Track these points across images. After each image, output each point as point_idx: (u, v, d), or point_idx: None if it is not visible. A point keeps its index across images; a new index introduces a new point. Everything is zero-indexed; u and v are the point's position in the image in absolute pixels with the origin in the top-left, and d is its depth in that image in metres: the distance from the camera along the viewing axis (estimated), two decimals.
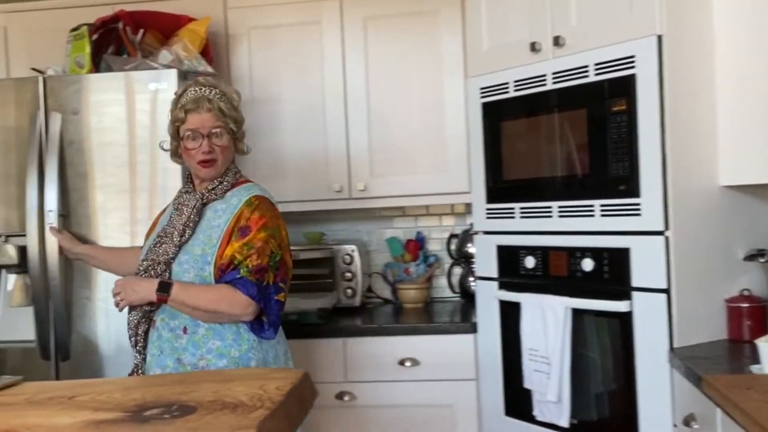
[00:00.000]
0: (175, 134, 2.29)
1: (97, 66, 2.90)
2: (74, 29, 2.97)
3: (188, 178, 2.35)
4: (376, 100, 3.16)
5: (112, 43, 2.99)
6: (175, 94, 2.32)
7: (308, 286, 3.26)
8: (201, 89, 2.25)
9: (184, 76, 2.79)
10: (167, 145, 2.35)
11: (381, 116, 3.17)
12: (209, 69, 2.99)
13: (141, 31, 3.01)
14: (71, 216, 2.75)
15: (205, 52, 3.07)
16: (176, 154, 2.33)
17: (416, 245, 3.42)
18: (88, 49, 2.90)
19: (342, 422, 2.88)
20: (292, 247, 3.23)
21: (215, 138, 2.24)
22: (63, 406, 1.66)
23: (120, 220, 2.73)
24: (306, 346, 2.91)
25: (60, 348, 2.74)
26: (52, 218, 2.70)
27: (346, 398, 2.89)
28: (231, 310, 2.14)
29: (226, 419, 1.51)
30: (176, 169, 2.70)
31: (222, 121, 2.25)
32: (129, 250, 2.57)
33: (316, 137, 3.19)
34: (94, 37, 2.93)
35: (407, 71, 3.16)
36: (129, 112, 2.74)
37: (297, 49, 3.21)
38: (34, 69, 2.98)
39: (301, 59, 3.21)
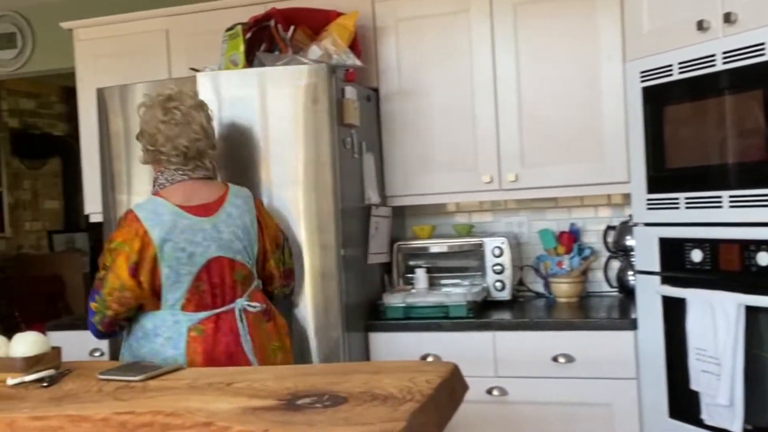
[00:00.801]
0: None
1: (250, 63, 2.98)
2: (229, 29, 3.06)
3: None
4: (527, 88, 3.07)
5: (265, 41, 3.05)
6: (149, 99, 2.45)
7: (458, 278, 3.22)
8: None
9: (333, 70, 2.81)
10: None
11: (532, 104, 3.07)
12: (357, 63, 3.00)
13: (292, 27, 3.06)
14: None
15: (354, 46, 3.08)
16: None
17: (570, 237, 3.30)
18: (242, 48, 2.98)
19: (491, 418, 2.82)
20: (441, 239, 3.29)
21: None
22: (221, 392, 1.72)
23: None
24: (454, 340, 2.86)
25: None
26: None
27: (496, 393, 2.82)
28: None
29: (376, 411, 1.52)
30: (327, 162, 2.73)
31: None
32: None
33: (464, 128, 3.14)
34: (248, 35, 3.00)
35: (560, 57, 3.04)
36: (281, 107, 2.79)
37: (445, 39, 3.17)
38: (192, 68, 3.10)
39: (449, 49, 3.16)
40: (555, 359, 2.76)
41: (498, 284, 3.15)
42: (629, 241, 3.08)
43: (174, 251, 2.26)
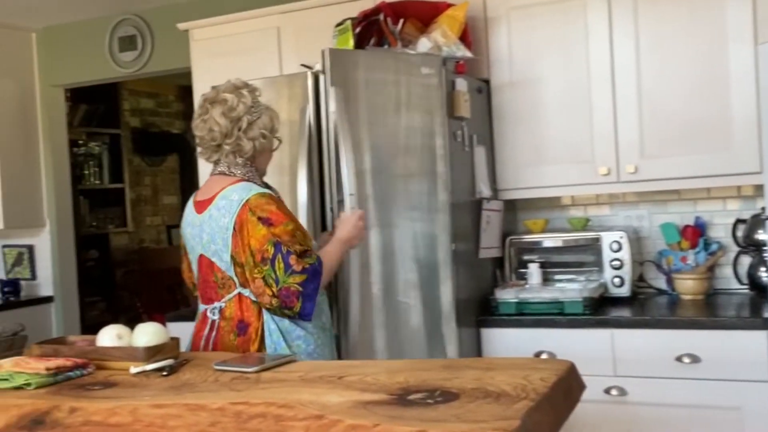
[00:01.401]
0: (271, 131, 2.38)
1: None
2: (339, 24, 3.09)
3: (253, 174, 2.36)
4: (647, 75, 2.94)
5: (374, 35, 3.06)
6: (248, 89, 2.37)
7: (573, 274, 3.15)
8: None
9: (443, 62, 2.79)
10: (263, 139, 2.38)
11: (653, 92, 2.94)
12: (468, 54, 2.98)
13: (401, 20, 3.06)
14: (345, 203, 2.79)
15: (464, 37, 3.05)
16: (261, 145, 2.37)
17: (695, 231, 3.14)
18: (351, 42, 2.99)
19: (610, 419, 2.72)
20: (556, 234, 3.21)
21: None
22: (333, 385, 1.71)
23: (390, 206, 2.75)
24: (569, 337, 2.79)
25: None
26: (353, 202, 2.64)
27: (615, 393, 2.73)
28: None
29: (489, 408, 1.47)
30: (439, 155, 2.72)
31: None
32: None
33: (580, 118, 3.05)
34: (357, 30, 3.02)
35: (683, 41, 2.89)
36: (396, 98, 2.78)
37: (559, 27, 3.08)
38: (303, 65, 3.13)
39: (563, 38, 3.08)
40: (679, 359, 2.64)
41: (616, 280, 3.05)
42: (761, 236, 2.93)
43: (185, 242, 2.41)
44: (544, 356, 2.79)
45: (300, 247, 2.21)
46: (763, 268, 2.95)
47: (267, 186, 2.39)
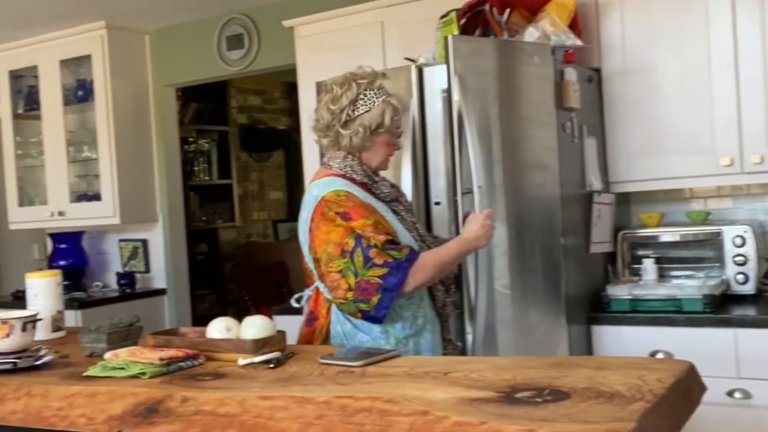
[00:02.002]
0: (388, 125, 2.28)
1: None
2: (443, 16, 3.07)
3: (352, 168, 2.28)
4: None
5: (479, 26, 3.03)
6: (354, 81, 2.29)
7: (691, 270, 3.03)
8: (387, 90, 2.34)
9: (551, 52, 2.74)
10: (356, 135, 2.28)
11: None
12: (578, 42, 2.92)
13: (507, 10, 3.02)
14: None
15: (574, 25, 2.98)
16: (364, 141, 2.28)
17: None
18: (456, 34, 2.95)
19: (732, 423, 2.61)
20: (673, 228, 3.08)
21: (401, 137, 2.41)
22: (438, 381, 1.69)
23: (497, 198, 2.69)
24: (688, 336, 2.69)
25: None
26: (480, 194, 2.57)
27: (738, 396, 2.62)
28: None
29: (601, 409, 1.41)
30: (549, 147, 2.65)
31: None
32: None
33: (699, 106, 2.93)
34: (462, 21, 3.00)
35: None
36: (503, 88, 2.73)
37: (677, 11, 2.97)
38: (407, 58, 3.12)
39: (681, 23, 2.97)
40: None
41: (740, 277, 2.91)
42: None
43: None
44: (660, 356, 2.70)
45: (384, 238, 2.15)
46: None
47: (372, 182, 2.30)
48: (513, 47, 2.78)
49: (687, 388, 1.66)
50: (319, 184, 2.26)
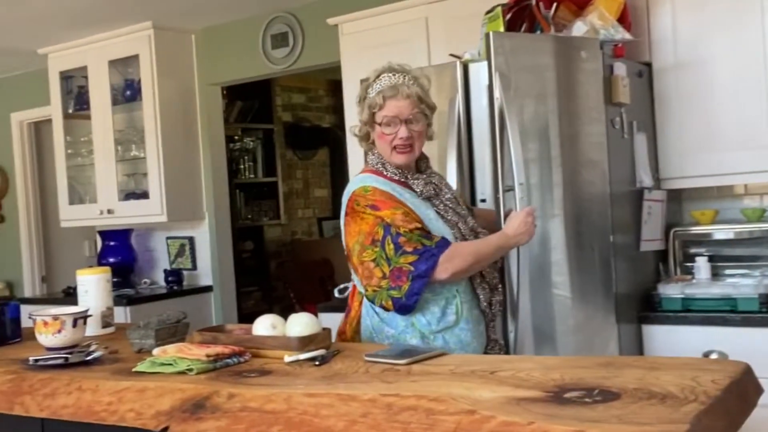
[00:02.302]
0: (370, 120, 2.28)
1: None
2: (488, 11, 3.04)
3: (384, 165, 2.30)
4: None
5: (525, 21, 2.99)
6: (363, 81, 2.33)
7: (746, 268, 2.96)
8: (395, 75, 2.26)
9: (600, 46, 2.70)
10: (357, 131, 2.36)
11: None
12: (627, 36, 2.86)
13: (554, 4, 2.97)
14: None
15: (623, 19, 2.93)
16: (366, 140, 2.34)
17: None
18: (502, 29, 2.93)
19: None
20: (727, 225, 3.01)
21: (412, 123, 2.25)
22: (484, 380, 1.68)
23: (547, 194, 2.66)
24: (743, 336, 2.63)
25: None
26: (522, 192, 2.52)
27: None
28: None
29: (653, 410, 1.39)
30: (598, 143, 2.62)
31: (418, 108, 2.26)
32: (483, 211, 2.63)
33: (755, 100, 2.87)
34: (508, 16, 2.97)
35: None
36: (552, 83, 2.69)
37: (730, 3, 2.91)
38: (451, 55, 3.10)
39: (735, 15, 2.91)
40: None
41: None
42: None
43: None
44: (714, 356, 2.64)
45: (414, 226, 2.16)
46: None
47: (406, 178, 2.28)
48: (558, 42, 2.73)
49: (743, 389, 1.63)
50: (354, 180, 2.32)
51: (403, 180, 2.29)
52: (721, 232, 3.00)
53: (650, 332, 2.80)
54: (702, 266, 2.92)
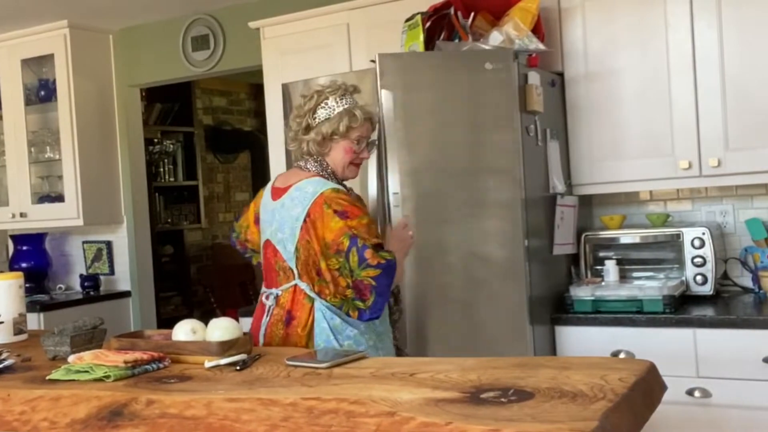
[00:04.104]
0: (342, 132, 2.34)
1: None
2: (408, 19, 3.07)
3: (327, 172, 2.38)
4: (732, 64, 2.83)
5: (444, 29, 3.04)
6: (326, 95, 2.38)
7: (652, 271, 3.06)
8: (355, 98, 2.42)
9: (515, 56, 2.75)
10: (315, 134, 2.39)
11: (738, 82, 2.83)
12: (541, 47, 2.92)
13: (472, 14, 3.03)
14: (413, 198, 2.78)
15: (537, 30, 3.00)
16: (321, 146, 2.38)
17: None
18: (421, 37, 2.98)
19: (693, 421, 2.64)
20: (634, 230, 3.10)
21: (369, 147, 2.44)
22: (404, 382, 1.70)
23: (458, 202, 2.74)
24: (649, 336, 2.72)
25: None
26: (396, 201, 2.74)
27: (698, 395, 2.64)
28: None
29: (565, 408, 1.44)
30: (510, 150, 2.68)
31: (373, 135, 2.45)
32: None
33: (659, 111, 2.96)
34: (427, 24, 3.00)
35: None
36: (461, 94, 2.75)
37: (637, 16, 3.00)
38: (372, 61, 3.11)
39: (641, 28, 2.99)
40: (767, 360, 2.54)
41: (698, 278, 2.95)
42: None
43: (260, 223, 2.49)
44: (621, 356, 2.72)
45: (376, 241, 2.25)
46: None
47: (343, 186, 2.41)
48: (453, 56, 2.79)
49: (648, 387, 1.69)
50: (312, 182, 2.33)
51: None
52: (628, 237, 3.09)
53: (563, 333, 2.86)
54: (611, 269, 3.00)
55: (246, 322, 3.26)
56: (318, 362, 1.88)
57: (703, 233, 2.93)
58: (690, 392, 2.65)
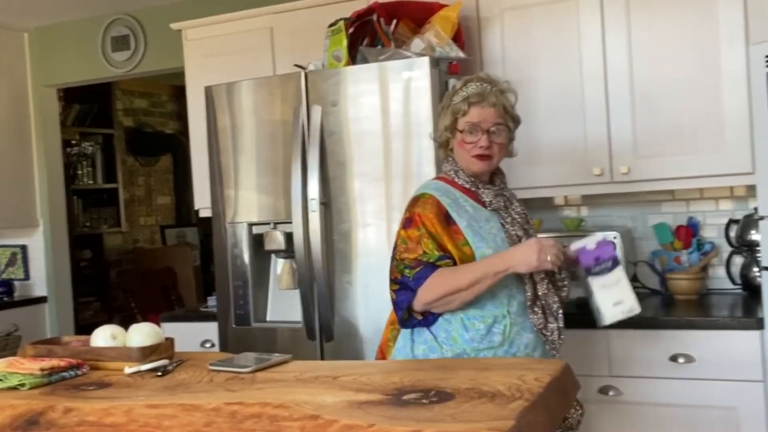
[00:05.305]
0: (452, 126, 2.24)
1: (353, 58, 2.98)
2: (332, 24, 3.07)
3: (456, 173, 2.25)
4: (640, 76, 2.93)
5: (367, 35, 3.05)
6: (453, 87, 2.29)
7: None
8: (483, 84, 2.23)
9: (436, 63, 2.79)
10: (438, 137, 2.31)
11: (646, 93, 2.92)
12: (461, 55, 2.96)
13: (394, 21, 3.05)
14: (332, 203, 2.84)
15: (457, 38, 3.03)
16: (446, 146, 2.28)
17: (688, 231, 3.14)
18: (345, 43, 2.98)
19: (606, 418, 2.72)
20: (550, 234, 3.13)
21: (494, 135, 2.20)
22: (328, 385, 1.72)
23: (376, 207, 2.79)
24: (565, 337, 2.77)
25: (324, 329, 2.86)
26: (314, 206, 2.81)
27: (611, 393, 2.72)
28: None
29: (484, 408, 1.48)
30: (429, 156, 2.71)
31: (503, 119, 2.22)
32: None
33: (573, 119, 3.03)
34: (350, 30, 3.01)
35: (676, 42, 2.89)
36: (383, 102, 2.79)
37: (552, 28, 3.07)
38: (296, 65, 3.13)
39: (556, 39, 3.06)
40: (674, 359, 2.64)
41: None
42: (754, 236, 2.93)
43: None
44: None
45: (413, 256, 2.14)
46: (755, 269, 2.94)
47: (476, 188, 2.23)
48: (375, 66, 2.83)
49: (563, 386, 1.75)
50: (424, 184, 2.29)
51: (473, 189, 2.23)
52: None
53: None
54: None
55: (168, 327, 3.24)
56: (241, 367, 1.88)
57: (615, 237, 3.01)
58: (602, 390, 2.72)
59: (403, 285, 2.14)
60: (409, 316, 2.17)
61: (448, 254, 2.12)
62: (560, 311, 2.23)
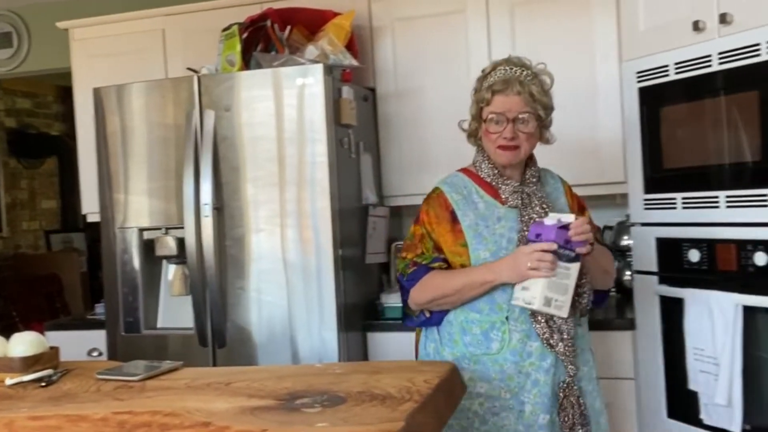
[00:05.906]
0: (478, 115, 2.16)
1: (247, 63, 2.98)
2: (226, 29, 3.06)
3: (480, 164, 2.20)
4: None
5: (261, 41, 3.06)
6: (483, 71, 2.18)
7: None
8: (512, 69, 2.11)
9: (329, 70, 2.82)
10: (466, 125, 2.23)
11: None
12: (354, 62, 3.00)
13: (288, 27, 3.05)
14: (225, 209, 2.83)
15: (351, 46, 3.08)
16: (474, 136, 2.20)
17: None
18: (238, 48, 2.98)
19: None
20: None
21: (521, 124, 2.08)
22: (220, 391, 1.72)
23: (270, 212, 2.80)
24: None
25: (216, 335, 2.84)
26: (207, 211, 2.80)
27: None
28: None
29: (375, 411, 1.52)
30: (323, 162, 2.74)
31: (531, 107, 2.09)
32: None
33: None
34: (244, 35, 3.00)
35: (556, 57, 2.92)
36: (277, 107, 2.79)
37: (441, 39, 3.16)
38: (189, 69, 3.10)
39: (445, 50, 3.15)
40: None
41: None
42: (626, 241, 3.08)
43: None
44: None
45: (411, 255, 2.16)
46: (628, 272, 3.09)
47: (497, 183, 2.15)
48: (268, 72, 2.84)
49: (450, 387, 1.80)
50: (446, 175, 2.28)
51: (494, 184, 2.15)
52: None
53: (374, 339, 2.94)
54: None
55: (53, 336, 3.14)
56: (130, 375, 1.85)
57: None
58: None
59: (399, 283, 2.20)
60: (407, 314, 2.22)
61: (444, 256, 2.13)
62: (565, 324, 2.07)
